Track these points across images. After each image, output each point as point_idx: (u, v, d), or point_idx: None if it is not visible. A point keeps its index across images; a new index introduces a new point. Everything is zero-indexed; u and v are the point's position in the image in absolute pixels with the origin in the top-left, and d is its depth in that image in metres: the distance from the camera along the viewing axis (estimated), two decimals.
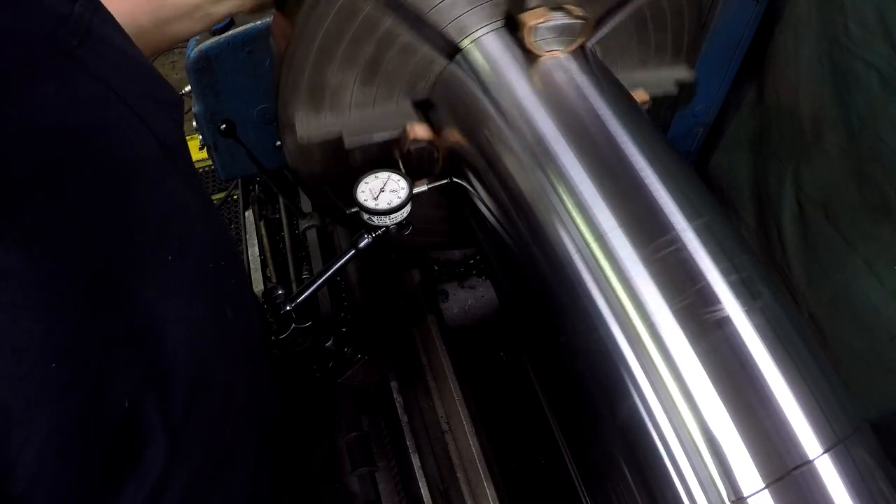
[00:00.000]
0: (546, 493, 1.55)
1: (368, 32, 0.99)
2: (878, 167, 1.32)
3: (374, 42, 1.00)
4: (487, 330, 1.76)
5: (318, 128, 1.06)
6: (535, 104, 0.95)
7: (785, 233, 1.63)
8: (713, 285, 0.76)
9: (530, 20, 0.95)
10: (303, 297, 1.06)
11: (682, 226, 0.80)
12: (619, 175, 0.87)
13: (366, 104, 1.08)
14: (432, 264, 1.73)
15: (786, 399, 0.70)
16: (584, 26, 0.97)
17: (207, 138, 1.63)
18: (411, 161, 1.07)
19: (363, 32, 0.98)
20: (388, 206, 1.00)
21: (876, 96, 1.29)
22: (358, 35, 0.98)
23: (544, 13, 0.95)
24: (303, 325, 1.09)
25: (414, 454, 1.35)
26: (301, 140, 1.05)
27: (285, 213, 2.12)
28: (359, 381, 1.47)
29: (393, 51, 1.02)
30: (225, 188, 3.41)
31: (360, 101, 1.07)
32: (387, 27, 0.99)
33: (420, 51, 1.03)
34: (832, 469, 0.67)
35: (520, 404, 1.62)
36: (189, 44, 1.49)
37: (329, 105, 1.06)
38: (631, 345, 0.75)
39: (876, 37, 1.27)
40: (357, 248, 1.04)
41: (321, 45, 0.98)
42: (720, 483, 0.67)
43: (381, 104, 1.09)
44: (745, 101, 1.80)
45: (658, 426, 0.71)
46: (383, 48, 1.01)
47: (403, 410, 1.41)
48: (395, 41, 1.01)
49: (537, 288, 0.90)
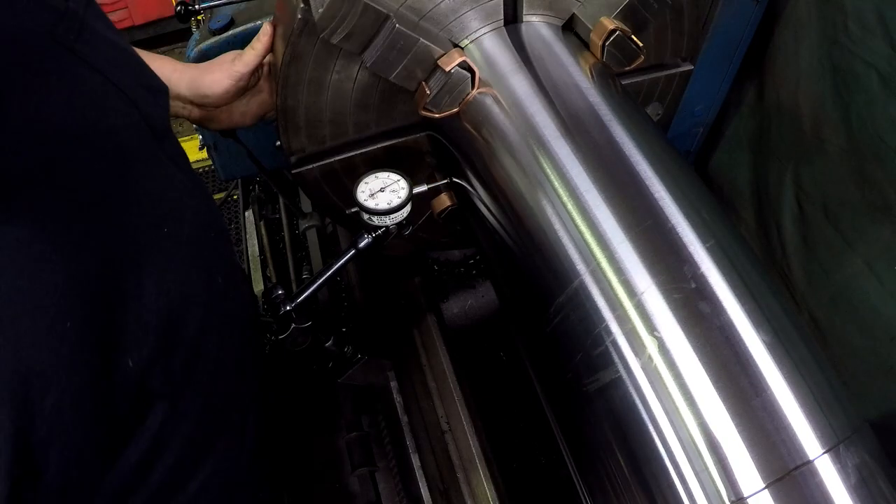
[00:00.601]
0: (546, 493, 1.55)
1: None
2: (878, 167, 1.32)
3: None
4: (487, 330, 1.76)
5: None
6: (523, 105, 0.95)
7: (785, 233, 1.63)
8: (713, 285, 0.76)
9: (610, 25, 0.97)
10: (303, 297, 1.06)
11: (682, 225, 0.80)
12: (617, 174, 0.87)
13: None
14: (432, 264, 1.73)
15: (786, 399, 0.70)
16: (638, 53, 1.00)
17: (207, 138, 1.63)
18: (438, 89, 1.07)
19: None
20: (388, 206, 1.00)
21: (876, 96, 1.29)
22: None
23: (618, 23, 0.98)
24: (303, 325, 1.09)
25: (414, 454, 1.35)
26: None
27: (285, 213, 2.12)
28: (359, 381, 1.47)
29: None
30: (225, 188, 3.41)
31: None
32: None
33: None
34: (832, 469, 0.67)
35: (520, 404, 1.62)
36: (189, 44, 1.48)
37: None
38: (631, 344, 0.75)
39: (876, 37, 1.27)
40: (357, 248, 1.04)
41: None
42: (720, 483, 0.67)
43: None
44: (745, 101, 1.80)
45: (658, 426, 0.71)
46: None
47: (403, 410, 1.41)
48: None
49: (537, 288, 0.90)
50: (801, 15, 1.50)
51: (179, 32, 4.35)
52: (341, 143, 1.13)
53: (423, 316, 1.49)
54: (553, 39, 1.04)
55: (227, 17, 1.44)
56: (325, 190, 1.23)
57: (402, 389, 1.44)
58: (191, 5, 1.41)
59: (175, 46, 4.36)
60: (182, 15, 1.39)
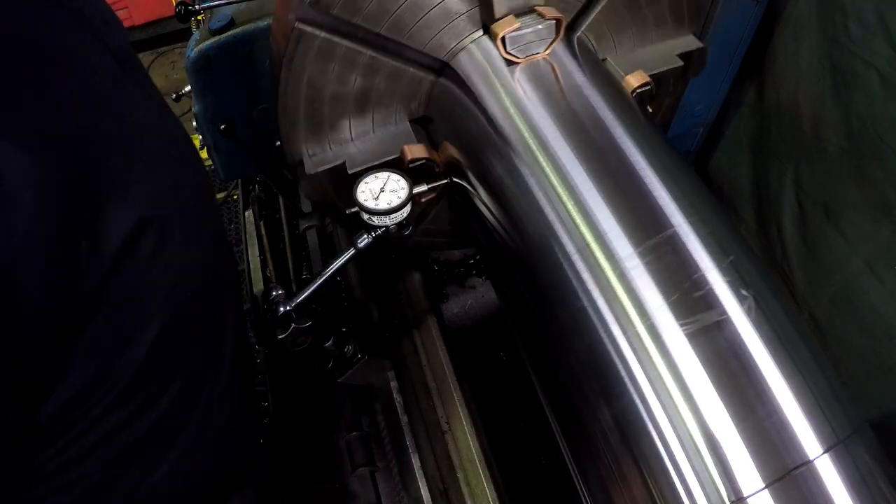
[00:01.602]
0: (546, 493, 1.55)
1: (350, 68, 1.00)
2: (878, 167, 1.32)
3: (358, 75, 1.02)
4: (487, 330, 1.76)
5: (323, 161, 1.09)
6: (522, 108, 0.95)
7: (785, 233, 1.63)
8: (713, 285, 0.76)
9: (500, 30, 0.95)
10: (303, 297, 1.06)
11: (683, 226, 0.80)
12: (616, 174, 0.87)
13: (365, 132, 1.10)
14: (432, 264, 1.73)
15: (786, 399, 0.70)
16: (555, 27, 0.97)
17: (207, 138, 1.63)
18: (413, 173, 1.09)
19: (345, 69, 1.00)
20: (388, 207, 1.00)
21: (876, 96, 1.30)
22: (341, 72, 1.00)
23: (511, 22, 0.95)
24: (303, 325, 1.09)
25: (414, 454, 1.35)
26: (309, 173, 1.08)
27: (285, 213, 2.12)
28: (359, 381, 1.47)
29: (380, 79, 1.04)
30: (225, 188, 3.41)
31: (360, 131, 1.10)
32: (367, 60, 1.00)
33: (406, 73, 1.04)
34: (832, 469, 0.67)
35: (520, 404, 1.62)
36: (189, 44, 1.49)
37: (330, 139, 1.09)
38: (630, 344, 0.75)
39: (876, 37, 1.27)
40: (357, 248, 1.04)
41: (308, 90, 1.01)
42: (720, 483, 0.67)
43: (381, 128, 1.11)
44: (745, 101, 1.80)
45: (658, 426, 0.71)
46: (369, 79, 1.03)
47: (403, 410, 1.41)
48: (380, 70, 1.02)
49: (537, 287, 0.90)
50: (801, 15, 1.51)
51: (179, 32, 4.35)
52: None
53: (423, 316, 1.49)
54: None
55: (227, 17, 1.44)
56: (326, 190, 1.23)
57: (402, 389, 1.44)
58: (191, 5, 1.41)
59: (175, 46, 4.37)
60: (182, 15, 1.39)
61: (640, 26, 1.14)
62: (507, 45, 0.96)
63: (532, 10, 0.97)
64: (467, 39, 1.02)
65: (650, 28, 1.15)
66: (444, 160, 1.09)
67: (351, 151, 1.10)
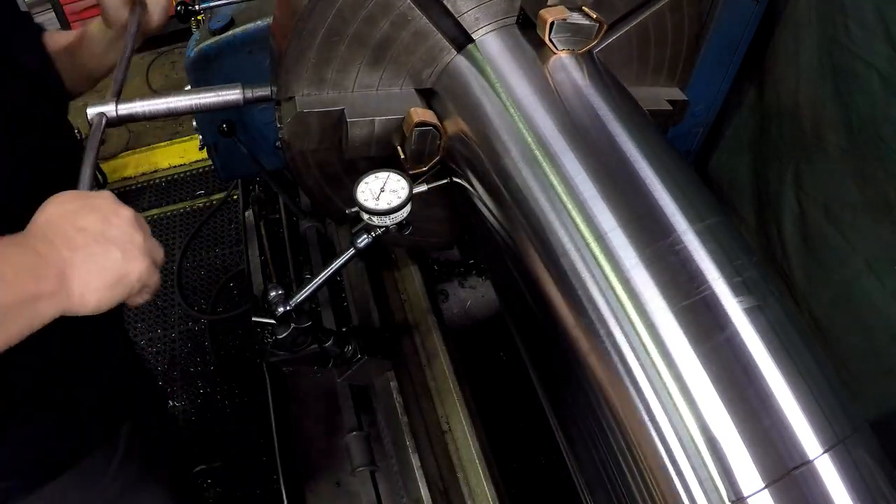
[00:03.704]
0: (546, 493, 1.55)
1: (383, 12, 0.99)
2: (878, 167, 1.32)
3: (387, 23, 1.00)
4: (487, 330, 1.76)
5: (319, 102, 1.06)
6: (539, 102, 0.96)
7: (785, 233, 1.63)
8: (714, 286, 0.76)
9: (550, 16, 0.96)
10: (303, 297, 1.06)
11: (683, 227, 0.80)
12: (619, 175, 0.87)
13: (370, 86, 1.08)
14: (432, 264, 1.73)
15: (786, 399, 0.70)
16: (598, 29, 0.99)
17: (207, 138, 1.63)
18: (411, 148, 1.07)
19: (378, 12, 0.98)
20: (388, 207, 1.00)
21: (876, 96, 1.29)
22: (372, 14, 0.98)
23: (563, 11, 0.97)
24: (303, 325, 1.09)
25: (414, 454, 1.35)
26: (300, 110, 1.05)
27: (285, 213, 2.12)
28: (359, 381, 1.47)
29: (405, 35, 1.02)
30: (225, 188, 3.41)
31: (365, 83, 1.08)
32: (402, 9, 0.99)
33: (431, 38, 1.04)
34: (832, 469, 0.67)
35: (520, 404, 1.62)
36: (189, 44, 1.49)
37: (333, 82, 1.06)
38: (631, 344, 0.75)
39: (876, 37, 1.27)
40: (357, 248, 1.04)
41: (334, 20, 0.98)
42: (720, 483, 0.67)
43: (385, 88, 1.09)
44: (745, 101, 1.80)
45: (658, 426, 0.71)
46: (396, 31, 1.01)
47: (403, 410, 1.41)
48: (409, 25, 1.01)
49: (536, 288, 0.90)
50: (801, 15, 1.51)
51: (179, 32, 4.35)
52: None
53: (423, 316, 1.49)
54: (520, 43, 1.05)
55: (227, 17, 1.44)
56: (326, 190, 1.23)
57: (402, 389, 1.44)
58: (191, 5, 1.41)
59: (175, 46, 4.35)
60: (182, 15, 1.39)
61: (642, 66, 1.21)
62: (553, 31, 0.97)
63: (580, 9, 1.00)
64: (500, 23, 1.05)
65: (649, 71, 1.22)
66: (445, 136, 1.08)
67: (351, 100, 1.08)
